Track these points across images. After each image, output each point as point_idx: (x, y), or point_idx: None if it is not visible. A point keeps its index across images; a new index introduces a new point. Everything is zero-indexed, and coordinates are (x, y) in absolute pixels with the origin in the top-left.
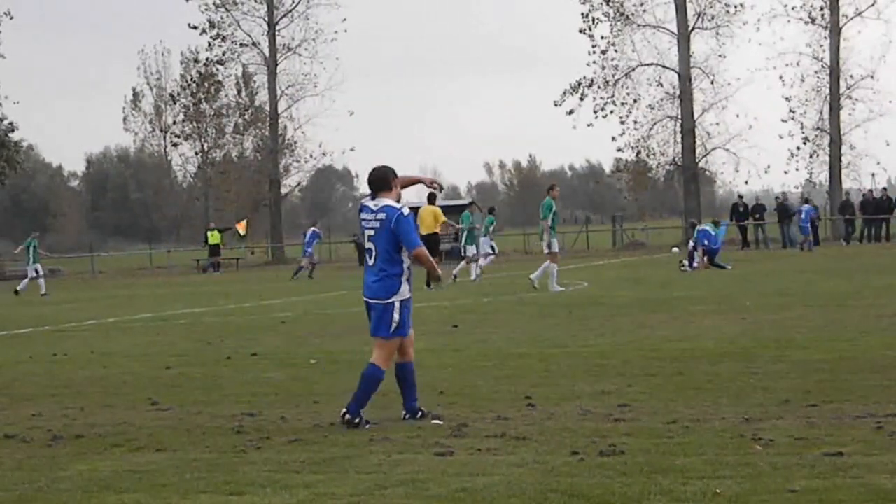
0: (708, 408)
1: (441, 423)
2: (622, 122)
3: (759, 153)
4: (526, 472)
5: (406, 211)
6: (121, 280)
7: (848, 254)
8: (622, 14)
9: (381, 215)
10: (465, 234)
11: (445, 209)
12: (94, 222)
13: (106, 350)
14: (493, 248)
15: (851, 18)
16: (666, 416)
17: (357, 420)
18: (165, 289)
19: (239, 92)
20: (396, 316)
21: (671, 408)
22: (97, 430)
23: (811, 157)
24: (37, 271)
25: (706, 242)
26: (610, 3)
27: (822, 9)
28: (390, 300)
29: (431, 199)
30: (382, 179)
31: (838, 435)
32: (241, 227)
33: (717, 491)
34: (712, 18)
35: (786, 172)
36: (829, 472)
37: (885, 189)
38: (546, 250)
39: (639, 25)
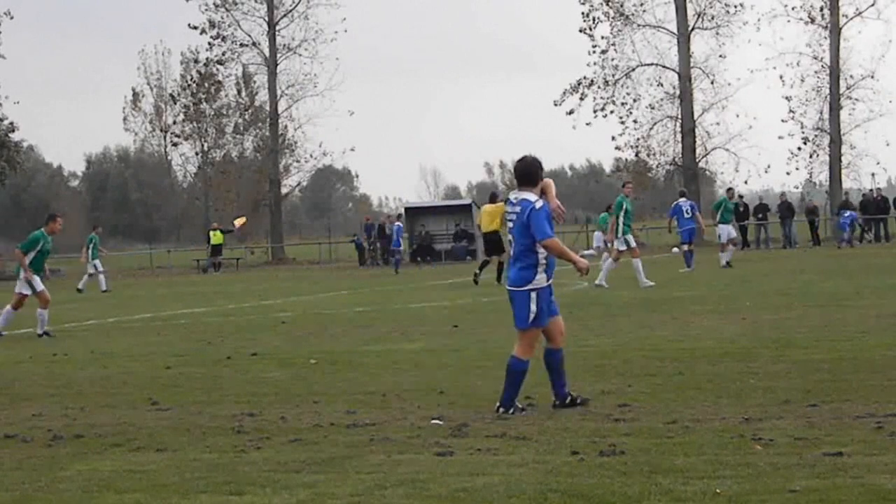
0: (708, 408)
1: (441, 423)
2: (622, 122)
3: (759, 153)
4: (526, 472)
5: (539, 204)
6: (121, 280)
7: (847, 254)
8: (622, 14)
9: (518, 208)
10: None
11: (448, 209)
12: (94, 222)
13: (106, 350)
14: (605, 244)
15: (851, 18)
16: (666, 415)
17: (511, 411)
18: (165, 289)
19: (239, 92)
20: (533, 307)
21: (671, 408)
22: (97, 430)
23: (811, 157)
24: (96, 267)
25: (675, 219)
26: (610, 3)
27: (822, 9)
28: (524, 288)
29: (493, 198)
30: (527, 174)
31: (838, 435)
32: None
33: (718, 491)
34: (712, 18)
35: (788, 174)
36: (830, 472)
37: (879, 189)
38: (622, 247)
39: (639, 25)
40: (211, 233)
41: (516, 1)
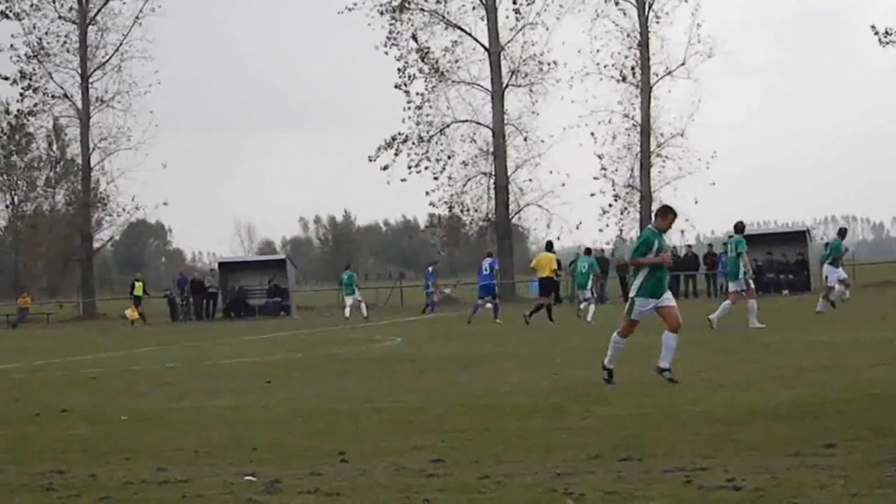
0: (520, 463)
1: (254, 479)
2: (436, 178)
3: (571, 210)
4: None
5: None
6: None
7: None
8: (437, 70)
9: None
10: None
11: (262, 264)
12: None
13: None
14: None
15: (661, 77)
16: (478, 471)
17: None
18: None
19: (50, 144)
20: None
21: (483, 463)
22: None
23: (622, 213)
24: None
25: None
26: (425, 60)
27: (633, 68)
28: None
29: (549, 246)
30: None
31: (648, 489)
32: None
33: None
34: (526, 76)
35: (600, 230)
36: None
37: (689, 246)
38: (743, 288)
39: (453, 82)
40: (136, 283)
41: (331, 55)
